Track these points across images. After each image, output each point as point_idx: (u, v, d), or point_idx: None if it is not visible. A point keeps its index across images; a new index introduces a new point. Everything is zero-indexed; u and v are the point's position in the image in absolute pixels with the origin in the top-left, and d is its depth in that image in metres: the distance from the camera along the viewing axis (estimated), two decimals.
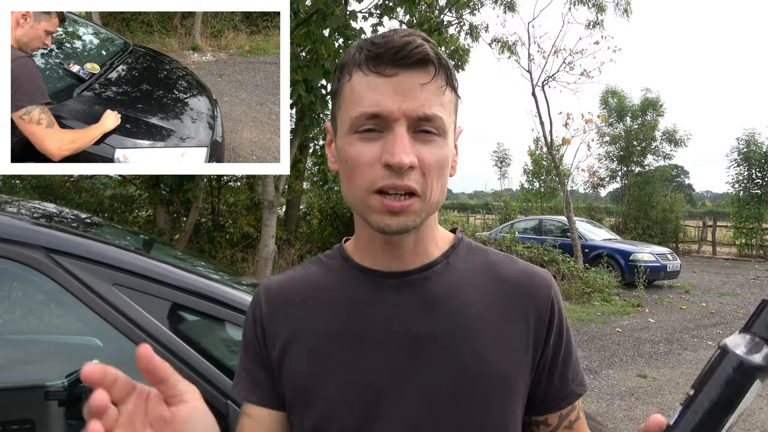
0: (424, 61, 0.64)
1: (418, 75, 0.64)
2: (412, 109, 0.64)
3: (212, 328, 1.41)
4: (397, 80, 0.64)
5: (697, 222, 21.10)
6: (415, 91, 0.64)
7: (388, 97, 0.64)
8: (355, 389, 0.69)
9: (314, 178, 11.08)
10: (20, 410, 1.41)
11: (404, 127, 0.64)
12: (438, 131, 0.66)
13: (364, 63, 0.65)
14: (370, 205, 0.66)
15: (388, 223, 0.66)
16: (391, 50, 0.64)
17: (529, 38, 14.17)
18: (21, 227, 1.24)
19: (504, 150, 33.77)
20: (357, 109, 0.65)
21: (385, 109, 0.63)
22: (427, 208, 0.68)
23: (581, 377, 0.79)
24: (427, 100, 0.64)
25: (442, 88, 0.66)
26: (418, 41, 0.64)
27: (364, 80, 0.65)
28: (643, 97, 18.95)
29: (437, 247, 0.76)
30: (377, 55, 0.64)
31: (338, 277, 0.76)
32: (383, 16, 6.76)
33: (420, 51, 0.64)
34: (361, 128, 0.65)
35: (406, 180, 0.64)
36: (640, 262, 10.12)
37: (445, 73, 0.66)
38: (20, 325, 2.51)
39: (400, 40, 0.64)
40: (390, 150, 0.63)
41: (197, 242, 8.41)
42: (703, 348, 6.15)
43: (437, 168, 0.66)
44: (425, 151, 0.65)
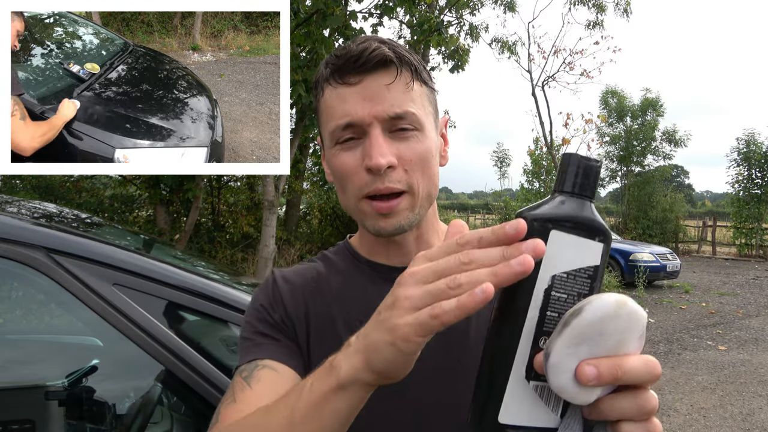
0: (383, 62, 0.65)
1: (381, 77, 0.66)
2: (382, 111, 0.65)
3: (212, 328, 1.41)
4: (362, 86, 0.66)
5: (697, 222, 21.10)
6: (382, 92, 0.65)
7: (357, 104, 0.66)
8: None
9: (314, 178, 11.08)
10: (20, 410, 1.41)
11: (378, 130, 0.65)
12: (414, 126, 0.67)
13: (331, 76, 0.68)
14: (363, 211, 0.69)
15: (381, 225, 0.68)
16: (351, 59, 0.65)
17: (529, 38, 14.22)
18: (21, 227, 1.24)
19: (504, 150, 33.77)
20: (332, 123, 0.68)
21: (356, 116, 0.65)
22: (420, 203, 0.69)
23: None
24: (396, 99, 0.66)
25: (409, 84, 0.67)
26: (374, 45, 0.66)
27: (333, 93, 0.68)
28: (643, 97, 18.95)
29: (440, 240, 0.76)
30: (339, 67, 0.67)
31: (348, 271, 0.77)
32: (383, 16, 6.75)
33: (377, 54, 0.65)
34: (341, 139, 0.68)
35: (387, 182, 0.66)
36: (640, 262, 10.12)
37: (409, 69, 0.68)
38: (20, 325, 2.51)
39: (357, 48, 0.66)
40: (368, 154, 0.65)
41: (197, 242, 8.41)
42: (703, 348, 6.14)
43: (419, 162, 0.67)
44: (404, 148, 0.67)
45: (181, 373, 1.20)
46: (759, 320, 7.62)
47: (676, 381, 5.00)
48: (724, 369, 5.37)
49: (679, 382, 4.96)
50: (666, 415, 4.20)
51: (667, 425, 4.01)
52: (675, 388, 4.81)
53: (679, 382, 4.98)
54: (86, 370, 1.51)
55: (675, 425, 4.01)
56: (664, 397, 4.58)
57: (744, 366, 5.46)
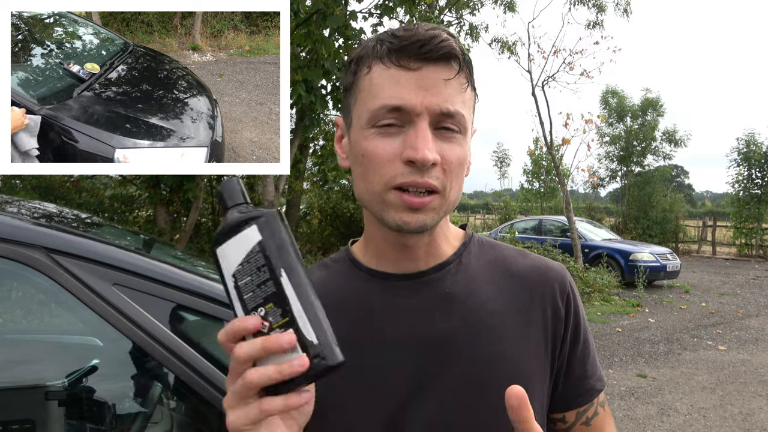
0: (449, 57, 0.62)
1: (442, 70, 0.62)
2: (436, 104, 0.61)
3: (212, 328, 1.41)
4: (420, 74, 0.62)
5: (696, 222, 21.09)
6: (439, 86, 0.62)
7: (411, 90, 0.61)
8: (376, 397, 0.67)
9: (314, 178, 11.07)
10: (20, 410, 1.41)
11: (426, 122, 0.62)
12: (459, 128, 0.64)
13: (386, 55, 0.63)
14: (388, 202, 0.64)
15: (406, 220, 0.63)
16: (417, 43, 0.61)
17: (529, 38, 14.18)
18: (21, 227, 1.24)
19: (504, 150, 33.76)
20: (377, 101, 0.63)
21: (408, 102, 0.61)
22: (446, 207, 0.66)
23: (599, 372, 0.78)
24: (450, 96, 0.62)
25: (464, 85, 0.64)
26: (444, 35, 0.62)
27: (385, 73, 0.63)
28: (643, 97, 18.94)
29: (449, 245, 0.74)
30: (401, 48, 0.62)
31: (348, 282, 0.74)
32: (383, 16, 6.75)
33: (446, 45, 0.61)
34: (381, 122, 0.63)
35: (427, 177, 0.62)
36: (640, 262, 10.12)
37: (468, 70, 0.65)
38: (20, 325, 2.51)
39: (425, 34, 0.62)
40: (413, 145, 0.61)
41: (197, 242, 8.41)
42: (703, 348, 6.15)
43: (458, 166, 0.64)
44: (447, 148, 0.63)
45: (181, 373, 1.20)
46: (759, 320, 7.62)
47: (676, 381, 5.00)
48: (724, 369, 5.37)
49: (679, 382, 4.96)
50: (666, 415, 4.20)
51: (667, 425, 4.01)
52: (675, 388, 4.81)
53: (679, 382, 4.98)
54: (86, 370, 1.50)
55: (675, 425, 4.01)
56: (664, 397, 4.59)
57: (744, 366, 5.46)
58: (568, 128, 14.35)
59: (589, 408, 0.76)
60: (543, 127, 11.45)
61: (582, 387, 0.75)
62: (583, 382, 0.75)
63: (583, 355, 0.75)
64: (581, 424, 0.76)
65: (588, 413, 0.76)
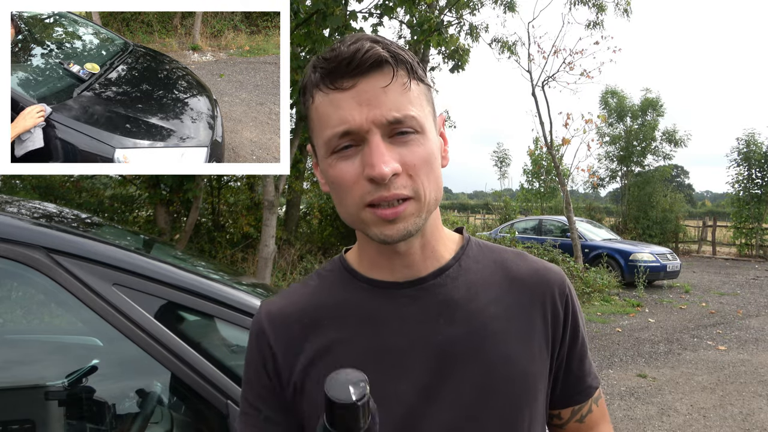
0: (378, 64, 0.61)
1: (377, 79, 0.61)
2: (381, 115, 0.61)
3: (212, 328, 1.41)
4: (356, 90, 0.61)
5: (697, 222, 21.09)
6: (379, 96, 0.61)
7: (353, 110, 0.61)
8: (385, 407, 0.66)
9: (314, 178, 11.07)
10: (20, 410, 1.41)
11: (378, 136, 0.61)
12: (414, 129, 0.63)
13: (321, 81, 0.63)
14: (366, 220, 0.64)
15: (387, 233, 0.63)
16: (343, 62, 0.61)
17: (529, 38, 14.21)
18: (21, 227, 1.24)
19: (504, 150, 33.79)
20: (327, 131, 0.63)
21: (354, 123, 0.61)
22: (426, 208, 0.65)
23: (594, 370, 0.80)
24: (394, 102, 0.61)
25: (406, 84, 0.63)
26: (367, 45, 0.61)
27: (326, 99, 0.63)
28: (643, 97, 18.94)
29: (446, 249, 0.74)
30: (330, 71, 0.62)
31: (347, 292, 0.73)
32: (383, 16, 6.75)
33: (371, 55, 0.60)
34: (338, 148, 0.63)
35: (393, 189, 0.61)
36: (640, 262, 10.12)
37: (404, 68, 0.63)
38: (20, 325, 2.51)
39: (348, 49, 0.61)
40: (369, 162, 0.61)
41: (197, 242, 8.40)
42: (702, 348, 6.15)
43: (423, 165, 0.63)
44: (406, 153, 0.62)
45: (180, 373, 1.20)
46: (759, 320, 7.62)
47: (676, 381, 5.00)
48: (724, 369, 5.37)
49: (679, 382, 4.96)
50: (666, 415, 4.20)
51: (667, 425, 4.01)
52: (675, 388, 4.81)
53: (679, 382, 4.98)
54: (86, 370, 1.50)
55: (675, 425, 4.01)
56: (664, 397, 4.59)
57: (744, 366, 5.46)
58: (568, 128, 14.35)
59: (584, 406, 0.78)
60: (543, 127, 11.46)
61: (579, 386, 0.77)
62: (580, 381, 0.77)
63: (581, 354, 0.77)
64: (575, 422, 0.78)
65: (582, 410, 0.78)
